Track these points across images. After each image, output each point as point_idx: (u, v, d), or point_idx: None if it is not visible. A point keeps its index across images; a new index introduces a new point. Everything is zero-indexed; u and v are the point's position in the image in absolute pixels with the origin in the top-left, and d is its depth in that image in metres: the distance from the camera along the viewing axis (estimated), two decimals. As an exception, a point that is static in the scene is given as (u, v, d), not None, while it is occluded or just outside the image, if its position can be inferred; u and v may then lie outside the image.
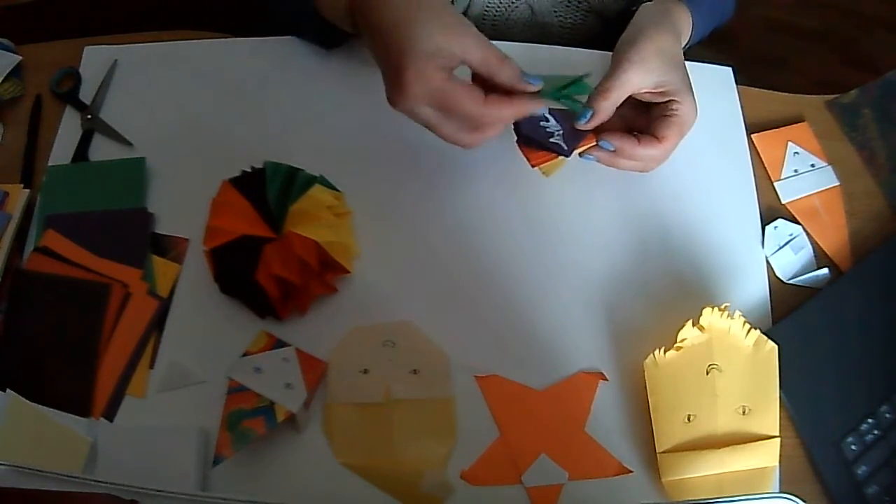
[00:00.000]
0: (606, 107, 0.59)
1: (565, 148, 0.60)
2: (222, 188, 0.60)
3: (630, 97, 0.61)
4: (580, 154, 0.61)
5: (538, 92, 0.57)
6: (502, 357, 0.60)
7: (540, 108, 0.58)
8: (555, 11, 0.77)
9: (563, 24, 0.78)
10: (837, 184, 0.70)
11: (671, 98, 0.60)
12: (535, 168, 0.61)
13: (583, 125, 0.60)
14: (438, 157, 0.67)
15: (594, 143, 0.61)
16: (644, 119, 0.62)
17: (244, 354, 0.57)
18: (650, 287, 0.64)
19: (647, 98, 0.61)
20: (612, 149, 0.60)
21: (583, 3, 0.77)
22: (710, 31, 0.73)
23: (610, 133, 0.60)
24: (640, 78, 0.59)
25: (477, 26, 0.77)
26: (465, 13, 0.76)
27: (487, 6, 0.76)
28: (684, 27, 0.66)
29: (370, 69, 0.71)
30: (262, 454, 0.55)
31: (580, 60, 0.72)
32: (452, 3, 0.76)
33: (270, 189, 0.59)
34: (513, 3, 0.76)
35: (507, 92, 0.57)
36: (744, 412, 0.57)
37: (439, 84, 0.54)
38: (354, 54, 0.72)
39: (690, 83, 0.62)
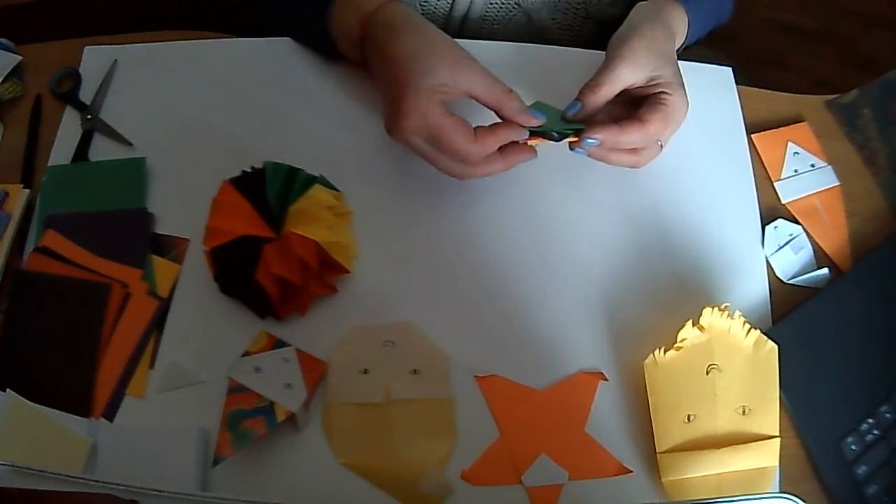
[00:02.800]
0: (595, 101, 0.60)
1: (556, 136, 0.60)
2: (222, 188, 0.60)
3: (622, 93, 0.61)
4: (571, 147, 0.61)
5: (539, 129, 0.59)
6: (502, 357, 0.60)
7: (524, 133, 0.59)
8: (552, 18, 0.77)
9: (561, 30, 0.78)
10: (837, 184, 0.70)
11: (662, 89, 0.60)
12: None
13: (570, 116, 0.60)
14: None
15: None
16: (633, 115, 0.62)
17: (244, 354, 0.57)
18: (650, 287, 0.64)
19: (638, 93, 0.61)
20: (596, 143, 0.60)
21: (580, 10, 0.77)
22: (707, 32, 0.73)
23: (592, 128, 0.60)
24: (630, 74, 0.59)
25: (474, 32, 0.77)
26: (463, 20, 0.77)
27: (486, 14, 0.76)
28: (679, 26, 0.66)
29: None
30: (262, 454, 0.55)
31: (577, 60, 0.72)
32: (451, 10, 0.76)
33: (270, 189, 0.59)
34: (510, 10, 0.76)
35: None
36: (744, 412, 0.57)
37: (433, 119, 0.56)
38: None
39: (682, 80, 0.62)
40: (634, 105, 0.62)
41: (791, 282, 0.65)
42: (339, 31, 0.65)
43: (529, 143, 0.61)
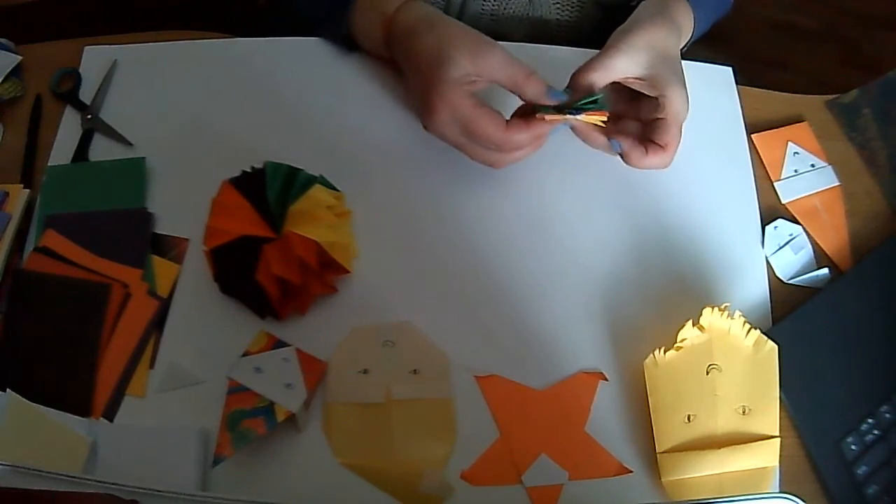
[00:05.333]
0: (585, 82, 0.60)
1: (574, 111, 0.60)
2: (222, 188, 0.60)
3: (621, 87, 0.61)
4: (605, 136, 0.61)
5: (543, 107, 0.60)
6: (502, 357, 0.60)
7: (556, 125, 0.60)
8: (553, 3, 0.77)
9: (561, 16, 0.78)
10: (837, 184, 0.70)
11: (659, 93, 0.60)
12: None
13: (558, 101, 0.60)
14: (438, 157, 0.67)
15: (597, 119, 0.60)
16: (632, 110, 0.62)
17: (244, 354, 0.57)
18: (650, 287, 0.64)
19: (636, 87, 0.61)
20: (619, 150, 0.61)
21: None
22: (711, 25, 0.73)
23: (623, 136, 0.61)
24: (625, 65, 0.60)
25: (475, 20, 0.78)
26: (462, 7, 0.77)
27: (485, 1, 0.76)
28: (684, 22, 0.66)
29: (370, 70, 0.71)
30: (262, 454, 0.55)
31: (579, 60, 0.72)
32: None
33: (270, 189, 0.59)
34: None
35: (527, 115, 0.60)
36: (744, 412, 0.57)
37: (464, 111, 0.58)
38: (355, 56, 0.72)
39: (682, 77, 0.61)
40: (632, 100, 0.63)
41: (791, 282, 0.65)
42: (363, 34, 0.68)
43: (547, 118, 0.60)
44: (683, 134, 0.62)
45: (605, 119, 0.60)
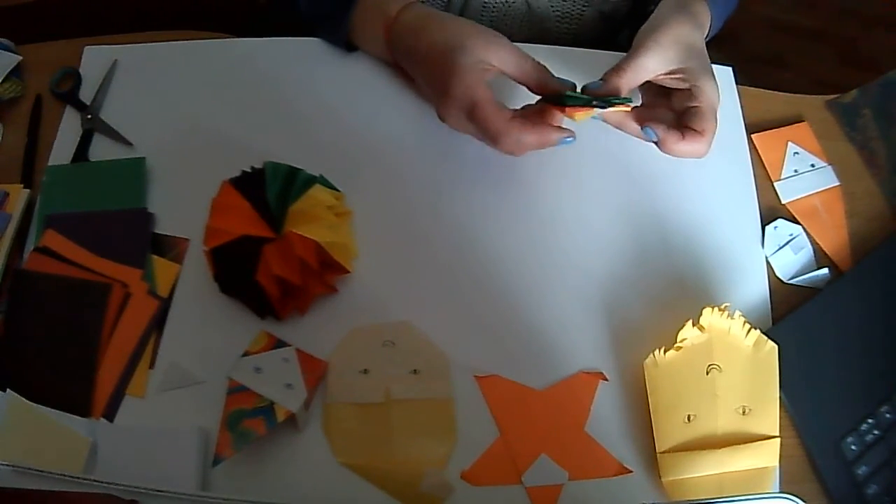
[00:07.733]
0: (618, 84, 0.60)
1: (600, 105, 0.59)
2: (222, 188, 0.60)
3: (651, 84, 0.62)
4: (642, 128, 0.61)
5: (569, 98, 0.60)
6: (502, 357, 0.60)
7: (566, 137, 0.60)
8: (551, 5, 0.77)
9: (561, 17, 0.79)
10: (837, 184, 0.70)
11: (691, 84, 0.60)
12: (566, 116, 0.61)
13: (590, 91, 0.61)
14: (438, 157, 0.67)
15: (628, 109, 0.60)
16: (665, 104, 0.63)
17: (244, 354, 0.57)
18: (650, 287, 0.64)
19: (668, 83, 0.62)
20: (654, 138, 0.60)
21: None
22: (723, 24, 0.73)
23: (657, 123, 0.60)
24: (655, 63, 0.60)
25: (475, 21, 0.78)
26: (462, 8, 0.77)
27: (486, 2, 0.77)
28: (704, 19, 0.66)
29: (370, 70, 0.71)
30: (262, 454, 0.55)
31: (580, 60, 0.72)
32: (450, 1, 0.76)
33: (270, 189, 0.59)
34: None
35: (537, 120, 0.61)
36: (744, 412, 0.57)
37: (475, 94, 0.59)
38: (356, 56, 0.72)
39: (711, 69, 0.62)
40: (661, 93, 0.63)
41: (791, 282, 0.65)
42: (363, 36, 0.68)
43: (577, 115, 0.60)
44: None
45: (629, 109, 0.60)
